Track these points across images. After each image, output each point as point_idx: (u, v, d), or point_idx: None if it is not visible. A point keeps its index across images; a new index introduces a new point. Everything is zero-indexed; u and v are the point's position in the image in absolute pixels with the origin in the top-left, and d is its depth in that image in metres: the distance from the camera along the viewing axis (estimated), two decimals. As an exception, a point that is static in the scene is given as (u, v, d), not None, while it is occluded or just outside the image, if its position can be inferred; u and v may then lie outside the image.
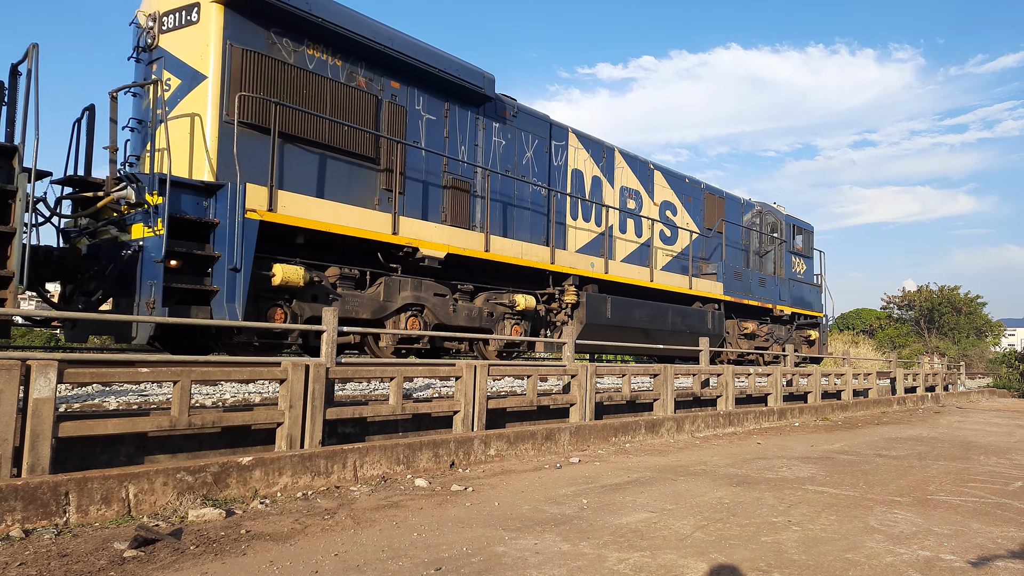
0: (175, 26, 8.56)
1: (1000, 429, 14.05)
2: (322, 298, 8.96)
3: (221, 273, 7.75)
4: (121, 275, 7.68)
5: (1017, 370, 31.03)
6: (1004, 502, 6.39)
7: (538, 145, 12.53)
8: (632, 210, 14.49)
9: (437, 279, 10.38)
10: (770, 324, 18.56)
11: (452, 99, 10.96)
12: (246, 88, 8.34)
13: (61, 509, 4.48)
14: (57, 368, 4.73)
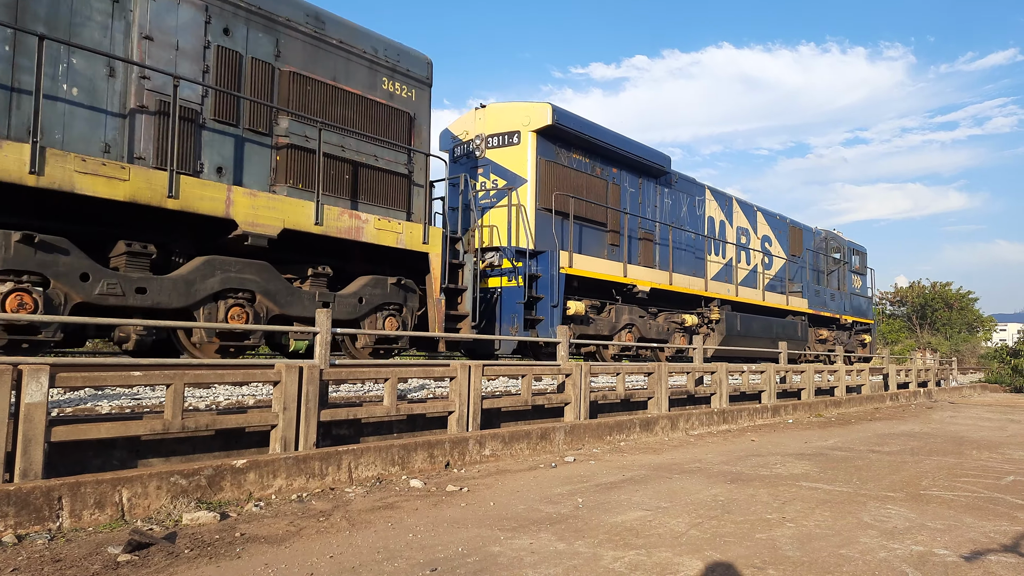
0: (499, 145, 12.92)
1: (992, 424, 14.14)
2: (585, 322, 12.93)
3: (545, 308, 11.90)
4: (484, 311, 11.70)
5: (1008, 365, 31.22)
6: (996, 496, 6.43)
7: (688, 201, 16.74)
8: (744, 244, 18.69)
9: (640, 305, 14.42)
10: (836, 331, 22.80)
11: (644, 175, 15.29)
12: (545, 186, 12.66)
13: (54, 514, 4.46)
14: (49, 372, 4.71)
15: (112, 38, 7.29)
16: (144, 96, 7.43)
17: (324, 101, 9.03)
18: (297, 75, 8.79)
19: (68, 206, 6.95)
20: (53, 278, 6.67)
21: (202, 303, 7.76)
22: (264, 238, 8.05)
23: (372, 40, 9.76)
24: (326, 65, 9.17)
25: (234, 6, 8.24)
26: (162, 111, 7.52)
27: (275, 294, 8.31)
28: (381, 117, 9.69)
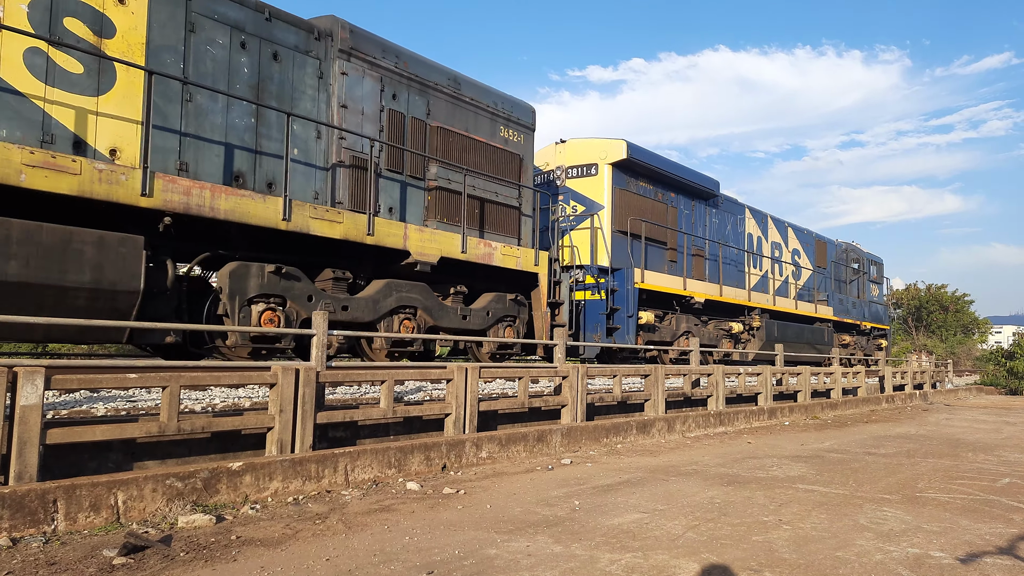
0: (578, 175, 14.88)
1: (987, 426, 14.17)
2: (651, 330, 14.77)
3: (622, 318, 13.76)
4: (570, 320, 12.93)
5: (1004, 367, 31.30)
6: (992, 499, 6.44)
7: (731, 220, 18.70)
8: (777, 258, 20.57)
9: (694, 313, 16.35)
10: (857, 336, 24.89)
11: (696, 198, 17.20)
12: (619, 211, 14.68)
13: (49, 517, 4.44)
14: (44, 374, 4.70)
15: (319, 107, 9.09)
16: (342, 153, 9.26)
17: (461, 149, 10.85)
18: (442, 129, 10.60)
19: (295, 242, 8.78)
20: (290, 299, 8.45)
21: (383, 317, 9.59)
22: (428, 265, 9.86)
23: (493, 95, 11.64)
24: (461, 119, 11.02)
25: (399, 75, 10.03)
26: (355, 164, 9.35)
27: (431, 309, 10.18)
28: (499, 159, 11.56)
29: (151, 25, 7.52)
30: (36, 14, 6.66)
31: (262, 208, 8.01)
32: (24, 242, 6.23)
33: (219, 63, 8.08)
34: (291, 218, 8.23)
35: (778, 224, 20.91)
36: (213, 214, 7.60)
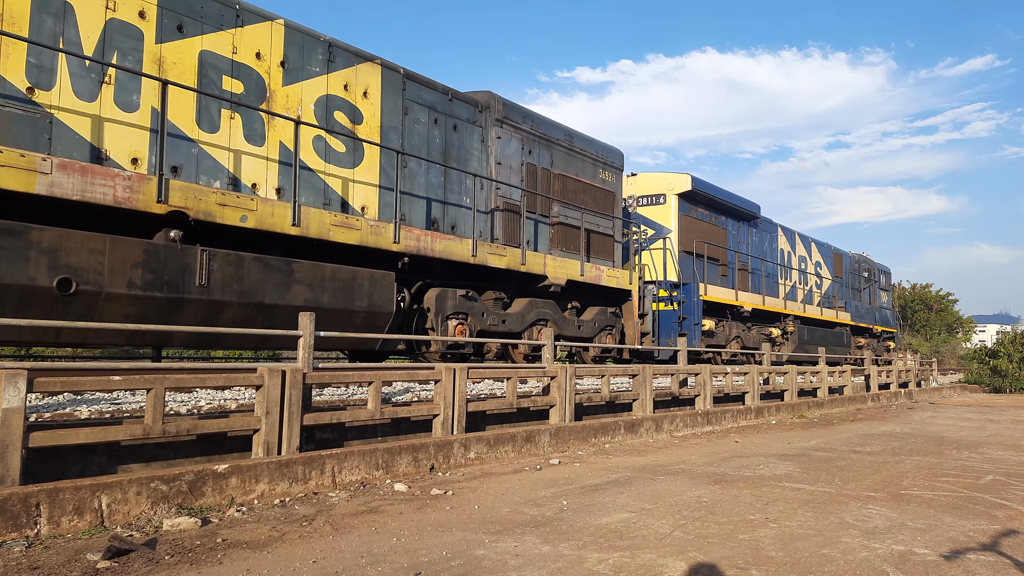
0: (648, 204, 17.38)
1: (971, 424, 14.32)
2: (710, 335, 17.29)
3: (689, 325, 15.93)
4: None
5: (987, 366, 31.63)
6: (976, 495, 6.50)
7: (767, 237, 21.42)
8: (803, 270, 23.36)
9: (742, 320, 18.90)
10: (870, 338, 27.93)
11: (741, 220, 19.89)
12: (684, 234, 17.24)
13: (32, 521, 4.39)
14: (27, 377, 4.64)
15: (481, 165, 11.40)
16: (497, 199, 11.60)
17: (574, 191, 13.25)
18: (561, 175, 13.04)
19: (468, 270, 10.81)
20: (471, 316, 10.87)
21: (527, 328, 12.00)
22: (559, 286, 12.33)
23: (595, 145, 14.11)
24: (573, 166, 13.42)
25: (534, 135, 12.51)
26: (506, 208, 11.75)
27: (557, 321, 12.52)
28: (599, 197, 13.95)
29: (383, 112, 9.84)
30: (319, 110, 9.07)
31: (459, 247, 10.49)
32: (331, 279, 8.64)
33: (421, 136, 10.41)
34: (477, 254, 10.74)
35: (803, 239, 23.84)
36: (432, 254, 10.06)
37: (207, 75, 8.02)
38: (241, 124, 8.28)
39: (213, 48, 8.08)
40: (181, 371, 6.25)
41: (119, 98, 7.28)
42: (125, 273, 6.91)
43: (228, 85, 8.21)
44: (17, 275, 6.23)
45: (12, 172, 6.21)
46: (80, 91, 7.00)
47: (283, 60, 8.73)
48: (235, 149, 8.19)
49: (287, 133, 8.58)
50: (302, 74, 8.91)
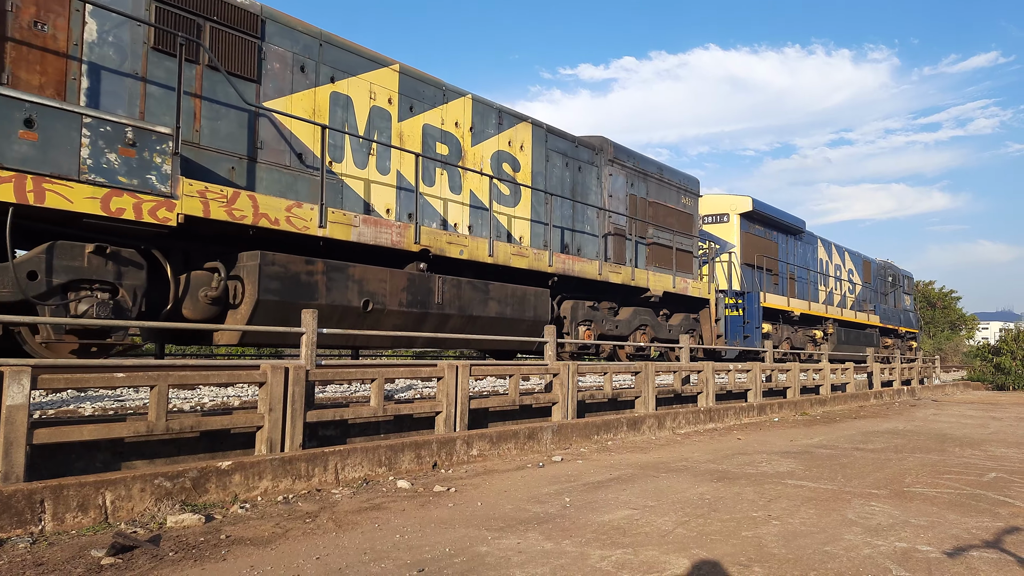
0: (713, 222, 19.70)
1: (974, 421, 14.30)
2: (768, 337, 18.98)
3: (751, 329, 17.72)
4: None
5: (990, 363, 31.58)
6: (979, 493, 6.50)
7: (809, 248, 23.70)
8: (838, 276, 25.77)
9: (791, 323, 21.06)
10: (895, 339, 30.16)
11: (789, 234, 22.32)
12: (746, 249, 19.65)
13: (36, 517, 4.41)
14: (31, 374, 4.66)
15: (597, 198, 13.74)
16: (608, 226, 13.88)
17: (664, 215, 15.46)
18: (654, 203, 15.26)
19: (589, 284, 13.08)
20: (594, 322, 13.10)
21: (633, 331, 14.18)
22: (658, 297, 14.51)
23: (679, 175, 16.23)
24: (663, 194, 15.59)
25: (635, 171, 14.76)
26: (615, 233, 14.02)
27: (654, 326, 14.72)
28: (682, 219, 16.11)
29: (532, 160, 12.32)
30: (492, 163, 11.49)
31: (590, 267, 12.78)
32: (511, 295, 11.04)
33: (557, 178, 12.87)
34: (602, 272, 12.94)
35: (838, 249, 26.27)
36: (573, 273, 12.35)
37: (427, 142, 10.46)
38: (447, 178, 10.74)
39: (430, 121, 10.57)
40: (184, 368, 6.27)
41: (379, 165, 9.75)
42: (396, 295, 9.28)
43: (439, 149, 10.69)
44: (341, 298, 8.58)
45: (340, 227, 8.67)
46: (357, 162, 9.47)
47: (471, 126, 11.27)
48: (444, 198, 10.67)
49: (475, 183, 11.15)
50: (483, 136, 11.47)
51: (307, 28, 9.05)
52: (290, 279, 8.08)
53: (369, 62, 9.76)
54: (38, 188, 6.17)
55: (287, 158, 8.67)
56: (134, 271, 7.10)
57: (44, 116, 6.24)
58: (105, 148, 6.62)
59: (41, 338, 6.69)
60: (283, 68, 8.72)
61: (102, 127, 6.60)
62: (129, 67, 7.35)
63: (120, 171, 6.70)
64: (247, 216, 7.68)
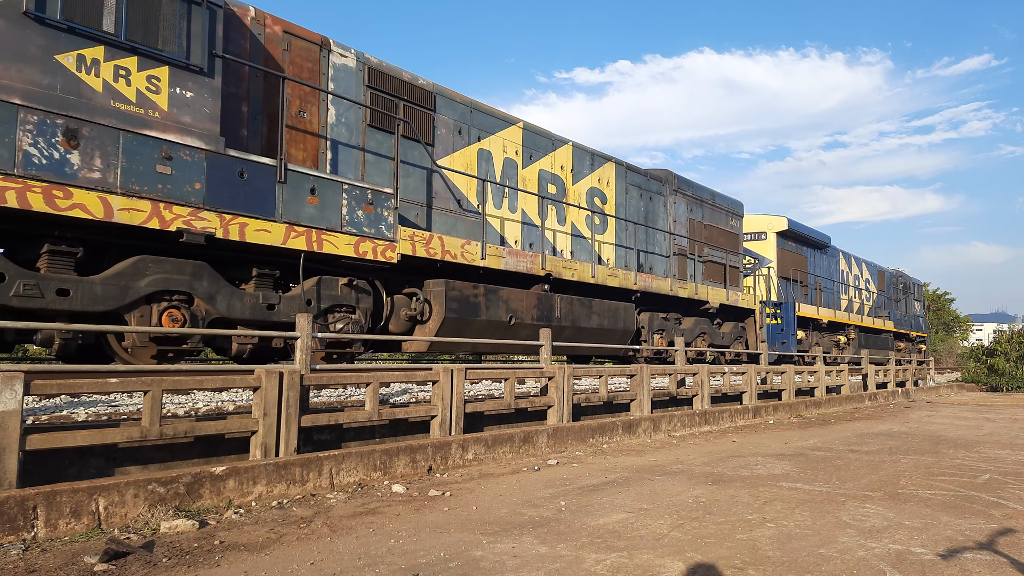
0: (751, 239, 21.77)
1: (968, 423, 14.34)
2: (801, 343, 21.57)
3: (787, 335, 20.11)
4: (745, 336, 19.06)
5: (984, 364, 31.69)
6: (973, 495, 6.52)
7: (833, 261, 26.22)
8: (857, 286, 28.32)
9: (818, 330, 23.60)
10: (907, 342, 33.27)
11: (816, 248, 24.86)
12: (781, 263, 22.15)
13: (29, 523, 4.39)
14: (23, 380, 4.64)
15: (663, 223, 16.00)
16: (673, 247, 16.02)
17: (716, 236, 17.67)
18: (708, 225, 17.51)
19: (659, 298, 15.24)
20: (665, 331, 15.44)
21: (695, 338, 16.36)
22: (715, 308, 16.74)
23: (727, 200, 18.50)
24: (715, 217, 17.85)
25: (693, 198, 17.02)
26: (679, 254, 16.17)
27: (711, 334, 16.92)
28: (730, 239, 18.26)
29: (615, 193, 14.59)
30: (587, 198, 13.75)
31: (665, 285, 15.06)
32: (608, 310, 13.27)
33: (634, 207, 15.08)
34: (673, 289, 15.23)
35: (857, 260, 28.78)
36: (651, 289, 14.61)
37: (542, 184, 12.78)
38: (555, 213, 13.00)
39: (544, 166, 12.85)
40: (178, 373, 6.24)
41: (509, 205, 12.03)
42: (529, 311, 11.57)
43: (550, 189, 12.99)
44: (495, 315, 10.91)
45: (494, 258, 10.98)
46: (495, 204, 11.73)
47: (572, 168, 13.54)
48: (553, 229, 12.92)
49: (575, 215, 13.43)
50: (580, 175, 13.72)
51: (463, 99, 11.40)
52: (463, 300, 10.41)
53: (502, 122, 12.13)
54: (319, 239, 8.39)
55: (451, 204, 10.99)
56: (366, 297, 9.44)
57: (322, 185, 8.51)
58: (356, 207, 8.87)
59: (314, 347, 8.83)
60: (448, 133, 11.07)
61: (354, 191, 8.88)
62: (354, 141, 9.69)
63: (364, 223, 8.94)
64: (437, 253, 10.10)
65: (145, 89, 7.14)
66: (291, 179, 8.15)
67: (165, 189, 7.12)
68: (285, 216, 8.06)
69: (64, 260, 6.91)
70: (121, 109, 6.93)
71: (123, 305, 7.16)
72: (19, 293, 6.45)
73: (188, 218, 7.25)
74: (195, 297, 7.67)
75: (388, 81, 10.12)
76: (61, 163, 6.49)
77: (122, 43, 6.96)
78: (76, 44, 6.70)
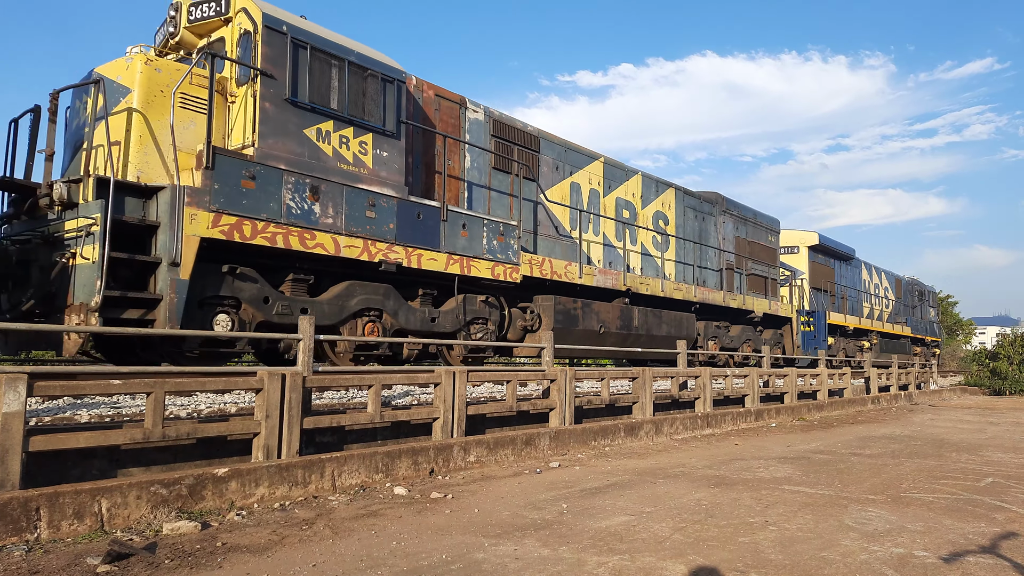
0: (786, 253, 23.66)
1: (971, 426, 14.31)
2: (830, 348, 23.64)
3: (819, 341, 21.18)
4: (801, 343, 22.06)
5: (987, 368, 31.61)
6: (975, 498, 6.51)
7: (855, 271, 28.53)
8: (877, 294, 30.70)
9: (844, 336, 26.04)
10: (923, 347, 35.56)
11: (841, 260, 27.12)
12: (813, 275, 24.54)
13: (32, 525, 4.40)
14: (27, 381, 4.65)
15: (716, 240, 17.83)
16: (723, 262, 17.90)
17: (757, 251, 19.62)
18: (751, 242, 19.46)
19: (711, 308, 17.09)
20: (717, 337, 17.36)
21: (741, 344, 18.42)
22: (758, 317, 18.78)
23: (767, 218, 20.48)
24: (756, 234, 19.83)
25: (739, 217, 19.02)
26: (727, 268, 17.98)
27: (755, 340, 19.07)
28: (769, 253, 20.21)
29: (675, 215, 16.48)
30: (654, 220, 15.66)
31: (719, 297, 17.09)
32: (673, 319, 15.06)
33: (690, 227, 16.95)
34: (725, 300, 17.19)
35: (877, 270, 30.95)
36: (708, 301, 16.55)
37: (618, 210, 14.71)
38: (628, 234, 14.83)
39: (620, 194, 14.83)
40: (181, 375, 6.24)
41: (593, 229, 13.91)
42: (614, 321, 13.45)
43: (624, 214, 14.88)
44: (589, 325, 12.82)
45: (588, 276, 13.07)
46: (583, 228, 13.51)
47: (641, 195, 15.49)
48: (627, 249, 14.75)
49: (644, 236, 15.36)
50: (647, 201, 15.67)
51: (559, 140, 13.51)
52: (566, 313, 12.39)
53: (588, 158, 14.15)
54: (468, 265, 10.49)
55: (551, 230, 12.93)
56: (495, 311, 11.50)
57: (470, 221, 10.60)
58: (492, 237, 10.94)
59: (456, 353, 11.02)
60: (548, 170, 13.13)
61: (491, 224, 10.98)
62: (483, 181, 11.71)
63: (498, 250, 11.02)
64: (548, 273, 12.24)
65: (358, 152, 9.26)
66: (450, 217, 10.25)
67: (370, 229, 9.12)
68: (446, 247, 10.15)
69: (300, 285, 8.87)
70: (344, 168, 9.02)
71: (340, 320, 9.14)
72: (278, 312, 8.44)
73: (386, 251, 9.29)
74: (384, 312, 9.66)
75: (506, 130, 12.25)
76: (308, 212, 8.45)
77: (343, 117, 9.03)
78: (316, 120, 8.77)
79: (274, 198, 8.09)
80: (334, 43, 9.07)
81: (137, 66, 7.84)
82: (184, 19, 9.16)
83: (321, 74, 8.82)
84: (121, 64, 7.98)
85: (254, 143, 8.18)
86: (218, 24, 8.99)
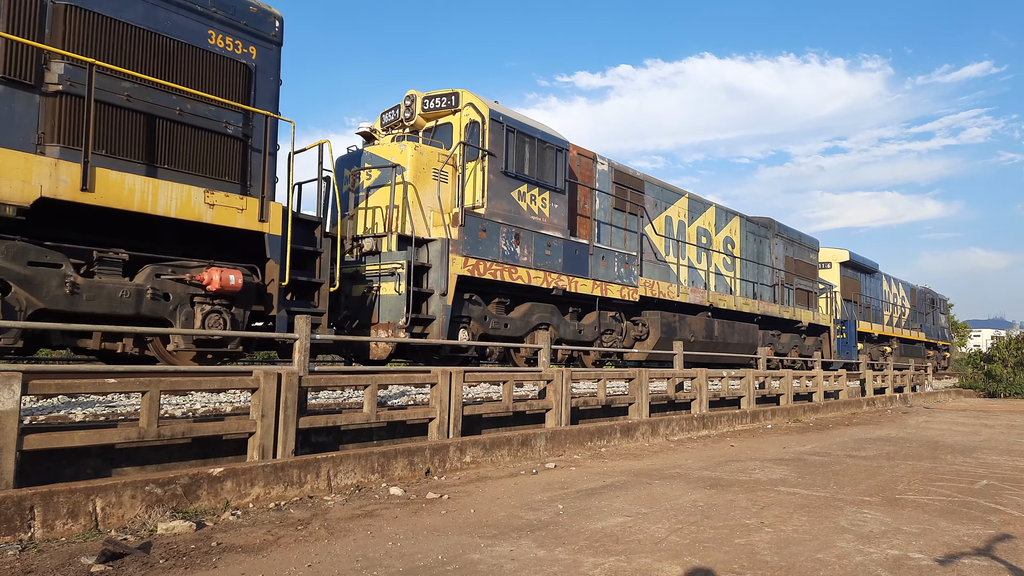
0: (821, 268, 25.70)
1: (966, 429, 14.35)
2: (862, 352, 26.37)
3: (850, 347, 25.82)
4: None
5: (982, 370, 31.68)
6: (970, 500, 6.52)
7: (878, 283, 31.48)
8: (895, 303, 33.46)
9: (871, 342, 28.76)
10: (935, 351, 38.59)
11: (867, 273, 30.11)
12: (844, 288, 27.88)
13: (26, 524, 4.38)
14: (21, 379, 4.63)
15: (769, 260, 20.95)
16: (776, 278, 21.04)
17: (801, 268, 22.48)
18: (796, 260, 22.35)
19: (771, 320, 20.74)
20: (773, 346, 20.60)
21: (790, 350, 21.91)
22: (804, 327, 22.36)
23: (808, 238, 23.37)
24: (800, 252, 22.73)
25: (787, 239, 22.02)
26: (778, 284, 21.10)
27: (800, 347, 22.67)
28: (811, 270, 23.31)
29: (740, 239, 19.54)
30: (724, 244, 18.87)
31: (776, 309, 20.35)
32: (742, 329, 18.18)
33: (751, 249, 19.94)
34: (780, 313, 20.30)
35: (895, 281, 33.88)
36: (768, 314, 19.89)
37: (698, 237, 17.73)
38: (706, 257, 17.83)
39: (699, 224, 17.95)
40: (176, 373, 6.23)
41: (680, 254, 16.76)
42: (700, 332, 16.39)
43: (702, 240, 17.89)
44: (684, 335, 15.51)
45: (684, 295, 16.28)
46: (673, 254, 16.60)
47: (714, 224, 18.53)
48: (704, 269, 17.71)
49: (717, 259, 18.35)
50: (719, 228, 18.72)
51: (658, 182, 16.65)
52: (668, 325, 15.35)
53: (677, 195, 17.22)
54: (605, 288, 13.79)
55: (652, 256, 15.91)
56: (618, 324, 14.54)
57: (607, 254, 13.93)
58: (619, 266, 14.21)
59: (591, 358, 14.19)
60: (650, 206, 16.16)
61: (620, 256, 14.31)
62: (606, 219, 14.74)
63: (623, 276, 14.27)
64: (656, 293, 15.48)
65: (541, 205, 12.56)
66: (594, 251, 13.59)
67: (548, 264, 12.41)
68: (592, 275, 13.41)
69: (501, 306, 12.00)
70: (533, 219, 12.35)
71: (525, 332, 12.23)
72: (492, 326, 11.66)
73: (556, 281, 12.56)
74: (550, 326, 12.62)
75: (622, 176, 15.35)
76: (513, 254, 11.79)
77: (533, 180, 12.35)
78: (517, 184, 12.09)
79: (495, 244, 11.45)
80: (528, 125, 12.37)
81: (409, 151, 11.06)
82: (419, 107, 12.12)
83: (520, 150, 12.08)
84: (394, 148, 11.22)
85: (483, 204, 11.42)
86: (446, 113, 11.99)
